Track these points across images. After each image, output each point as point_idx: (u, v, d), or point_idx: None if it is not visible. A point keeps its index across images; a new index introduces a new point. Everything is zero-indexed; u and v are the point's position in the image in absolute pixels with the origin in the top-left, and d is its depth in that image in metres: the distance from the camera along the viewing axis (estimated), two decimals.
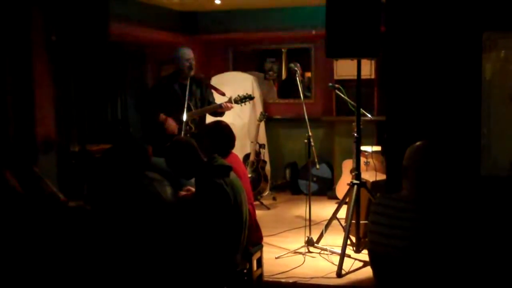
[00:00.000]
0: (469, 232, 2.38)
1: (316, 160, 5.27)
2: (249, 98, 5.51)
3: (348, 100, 5.44)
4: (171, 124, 5.31)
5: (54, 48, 4.87)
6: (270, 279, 4.30)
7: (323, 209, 6.33)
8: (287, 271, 4.45)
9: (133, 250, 3.10)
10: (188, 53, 5.42)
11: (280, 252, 4.91)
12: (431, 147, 2.50)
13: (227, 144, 4.02)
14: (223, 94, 5.54)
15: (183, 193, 3.72)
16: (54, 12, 4.85)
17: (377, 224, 2.52)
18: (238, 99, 5.43)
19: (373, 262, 2.62)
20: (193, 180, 3.56)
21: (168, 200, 3.31)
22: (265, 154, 7.41)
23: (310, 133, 5.10)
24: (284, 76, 8.40)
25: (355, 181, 4.76)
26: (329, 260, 4.72)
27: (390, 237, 2.42)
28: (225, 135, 4.03)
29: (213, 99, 5.62)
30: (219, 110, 5.45)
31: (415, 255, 2.34)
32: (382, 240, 2.46)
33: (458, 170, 2.47)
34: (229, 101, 5.42)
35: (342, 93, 5.53)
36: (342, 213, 5.11)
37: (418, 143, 2.55)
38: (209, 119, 5.61)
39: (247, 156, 6.93)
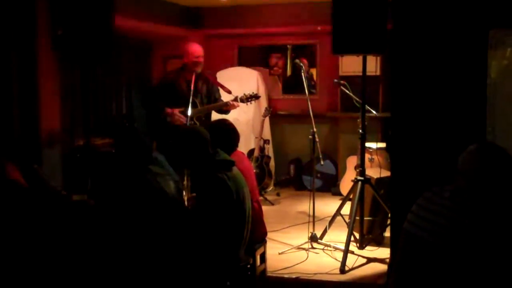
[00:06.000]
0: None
1: (320, 156, 5.27)
2: (255, 97, 5.51)
3: (353, 96, 5.43)
4: (179, 117, 5.27)
5: (59, 42, 4.87)
6: (273, 275, 4.31)
7: (327, 205, 6.32)
8: (290, 267, 4.46)
9: (136, 245, 3.11)
10: (196, 49, 5.40)
11: (284, 248, 4.91)
12: (490, 151, 2.41)
13: (231, 142, 4.01)
14: (229, 92, 5.52)
15: None
16: (60, 6, 4.84)
17: (416, 216, 2.44)
18: (244, 98, 5.42)
19: (404, 239, 2.53)
20: None
21: (171, 195, 3.31)
22: (269, 150, 7.41)
23: (314, 129, 5.09)
24: (289, 71, 8.39)
25: (359, 178, 4.76)
26: (332, 256, 4.72)
27: (428, 224, 2.35)
28: (230, 134, 4.02)
29: (219, 95, 5.60)
30: (225, 108, 5.44)
31: (450, 247, 2.27)
32: (421, 223, 2.39)
33: None
34: (235, 99, 5.40)
35: (348, 89, 5.52)
36: (346, 209, 5.11)
37: (473, 146, 2.46)
38: (214, 115, 5.60)
39: (251, 152, 6.93)
